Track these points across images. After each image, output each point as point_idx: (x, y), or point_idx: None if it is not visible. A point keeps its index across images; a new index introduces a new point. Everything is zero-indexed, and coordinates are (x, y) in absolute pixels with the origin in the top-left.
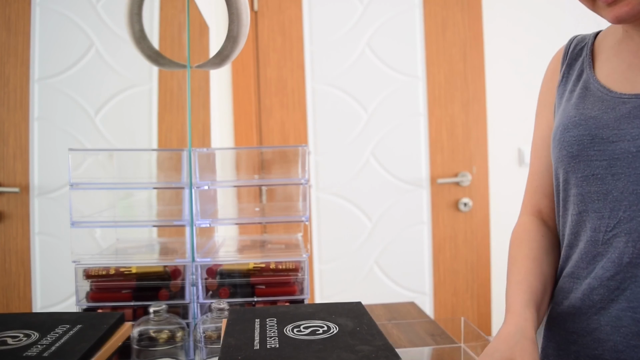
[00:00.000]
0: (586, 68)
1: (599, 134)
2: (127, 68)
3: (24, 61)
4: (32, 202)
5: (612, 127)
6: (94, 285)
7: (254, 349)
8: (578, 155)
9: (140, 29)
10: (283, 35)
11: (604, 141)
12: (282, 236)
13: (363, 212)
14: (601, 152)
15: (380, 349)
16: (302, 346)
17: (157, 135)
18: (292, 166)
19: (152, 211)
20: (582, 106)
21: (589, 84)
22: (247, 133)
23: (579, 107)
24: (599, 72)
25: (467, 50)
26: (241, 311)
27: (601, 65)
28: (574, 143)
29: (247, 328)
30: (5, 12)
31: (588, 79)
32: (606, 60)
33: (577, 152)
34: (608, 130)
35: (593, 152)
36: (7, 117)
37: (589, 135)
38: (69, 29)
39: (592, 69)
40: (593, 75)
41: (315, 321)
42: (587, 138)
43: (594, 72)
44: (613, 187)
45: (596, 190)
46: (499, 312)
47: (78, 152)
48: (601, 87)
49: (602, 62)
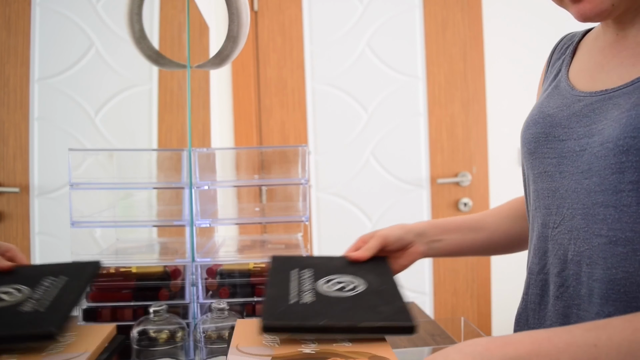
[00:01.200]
0: (563, 67)
1: (552, 132)
2: (127, 68)
3: (24, 61)
4: (32, 202)
5: (564, 126)
6: (94, 285)
7: (290, 303)
8: (534, 152)
9: (140, 29)
10: (283, 35)
11: (555, 139)
12: (282, 236)
13: (363, 212)
14: (552, 150)
15: (398, 312)
16: (332, 303)
17: (157, 135)
18: (292, 166)
19: (152, 211)
20: (545, 104)
21: (560, 82)
22: (247, 133)
23: (542, 105)
24: (572, 70)
25: (467, 50)
26: (282, 259)
27: (575, 64)
28: (531, 140)
29: (286, 279)
30: (5, 12)
31: (561, 77)
32: (580, 57)
33: (533, 149)
34: (560, 128)
35: (546, 150)
36: (7, 117)
37: (543, 133)
38: (69, 29)
39: (568, 67)
40: (565, 74)
41: (347, 276)
42: (542, 136)
43: (569, 69)
44: (560, 185)
45: (547, 187)
46: (499, 312)
47: (78, 152)
48: (567, 86)
49: (577, 60)
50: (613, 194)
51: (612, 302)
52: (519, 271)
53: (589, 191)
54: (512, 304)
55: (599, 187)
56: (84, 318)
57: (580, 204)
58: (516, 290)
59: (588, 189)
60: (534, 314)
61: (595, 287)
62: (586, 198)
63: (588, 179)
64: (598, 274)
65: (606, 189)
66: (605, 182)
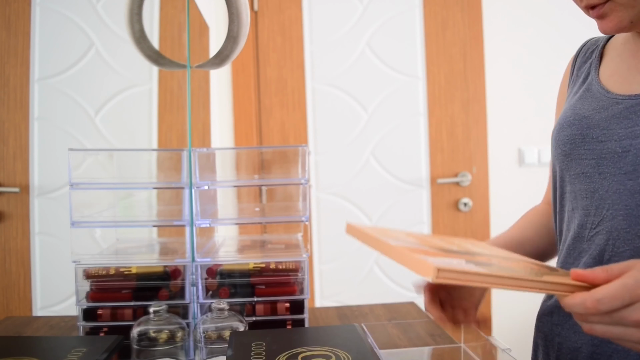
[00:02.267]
0: (592, 70)
1: (589, 133)
2: (127, 68)
3: (24, 61)
4: (32, 202)
5: (602, 127)
6: (94, 285)
7: None
8: (570, 154)
9: (140, 29)
10: (283, 35)
11: (594, 140)
12: (282, 236)
13: (363, 212)
14: (590, 151)
15: None
16: None
17: (157, 135)
18: (292, 166)
19: (152, 211)
20: (579, 106)
21: (591, 85)
22: (247, 133)
23: (575, 107)
24: (603, 73)
25: (467, 50)
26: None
27: (605, 67)
28: (567, 142)
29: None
30: (5, 12)
31: (592, 80)
32: (610, 61)
33: (569, 150)
34: (598, 130)
35: (583, 151)
36: (7, 117)
37: (580, 135)
38: (69, 29)
39: (597, 71)
40: (596, 77)
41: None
42: (579, 137)
43: (598, 73)
44: (599, 186)
45: (585, 188)
46: (499, 312)
47: (78, 152)
48: (601, 88)
49: (607, 64)
50: None
51: None
52: None
53: (632, 192)
54: (512, 304)
55: None
56: (84, 318)
57: (623, 205)
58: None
59: (632, 190)
60: (561, 312)
61: None
62: (629, 199)
63: (632, 180)
64: None
65: None
66: None
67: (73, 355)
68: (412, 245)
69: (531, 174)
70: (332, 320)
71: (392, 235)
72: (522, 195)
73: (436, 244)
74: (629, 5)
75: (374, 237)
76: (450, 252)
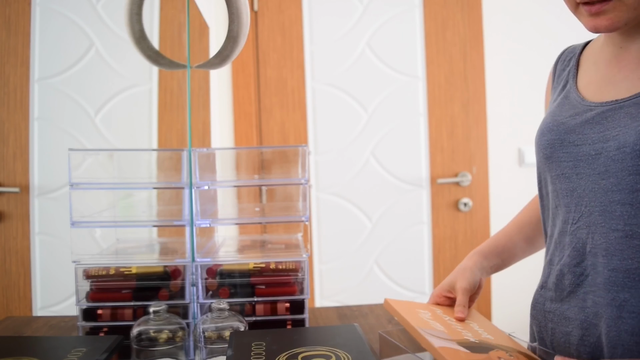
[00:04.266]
0: (570, 79)
1: (567, 138)
2: (127, 68)
3: (24, 61)
4: (32, 202)
5: (578, 132)
6: (94, 285)
7: None
8: (551, 157)
9: (140, 29)
10: (283, 35)
11: (571, 144)
12: (282, 236)
13: (363, 212)
14: (568, 154)
15: None
16: None
17: (157, 135)
18: (292, 166)
19: (152, 211)
20: (557, 112)
21: (569, 92)
22: (247, 133)
23: (554, 114)
24: (580, 81)
25: (467, 50)
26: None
27: (583, 75)
28: (547, 146)
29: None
30: (5, 12)
31: (570, 88)
32: (587, 70)
33: (550, 154)
34: (574, 135)
35: (562, 154)
36: (7, 117)
37: (559, 140)
38: (69, 29)
39: (575, 79)
40: (574, 85)
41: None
42: (558, 142)
43: (576, 81)
44: (577, 185)
45: (565, 187)
46: (499, 312)
47: (78, 152)
48: (577, 96)
49: (584, 72)
50: (630, 193)
51: (627, 290)
52: (519, 272)
53: (606, 190)
54: (512, 304)
55: (616, 187)
56: (84, 318)
57: (598, 202)
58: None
59: (605, 188)
60: (552, 300)
61: (612, 276)
62: (603, 197)
63: (605, 180)
64: (614, 264)
65: (623, 188)
66: (622, 183)
67: (73, 355)
68: (442, 337)
69: (531, 174)
70: (332, 320)
71: (424, 319)
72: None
73: (461, 337)
74: (633, 7)
75: (411, 325)
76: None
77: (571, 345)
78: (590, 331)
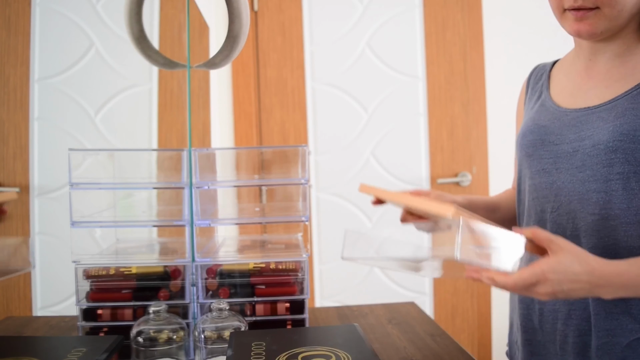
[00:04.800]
0: (544, 90)
1: (547, 138)
2: (127, 68)
3: (24, 61)
4: (32, 202)
5: (557, 134)
6: (94, 285)
7: None
8: (532, 155)
9: (140, 29)
10: (283, 35)
11: (551, 144)
12: (282, 236)
13: (363, 212)
14: (549, 152)
15: None
16: None
17: (157, 135)
18: (292, 166)
19: (152, 211)
20: (537, 117)
21: (545, 102)
22: (247, 133)
23: (534, 119)
24: (553, 91)
25: (467, 50)
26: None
27: (554, 86)
28: (529, 145)
29: None
30: (5, 12)
31: (545, 98)
32: (558, 81)
33: (531, 152)
34: (554, 135)
35: (543, 152)
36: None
37: (540, 140)
38: (69, 29)
39: (548, 90)
40: (548, 95)
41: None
42: (539, 142)
43: (549, 91)
44: (557, 178)
45: (545, 181)
46: (499, 312)
47: (78, 152)
48: (552, 104)
49: (556, 83)
50: (604, 182)
51: None
52: None
53: (583, 181)
54: None
55: (592, 178)
56: (84, 318)
57: (576, 192)
58: None
59: (582, 179)
60: None
61: (592, 252)
62: (581, 187)
63: (582, 172)
64: (593, 242)
65: (598, 179)
66: (597, 174)
67: (73, 355)
68: None
69: None
70: (332, 320)
71: None
72: None
73: None
74: (611, 18)
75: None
76: None
77: (559, 320)
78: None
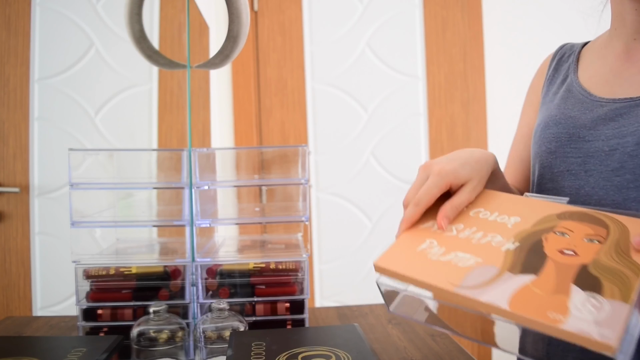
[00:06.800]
0: (571, 73)
1: (576, 132)
2: (127, 68)
3: (24, 61)
4: (32, 202)
5: (589, 127)
6: (94, 286)
7: None
8: (555, 152)
9: (140, 29)
10: (283, 35)
11: (581, 140)
12: (282, 236)
13: (363, 212)
14: (577, 150)
15: None
16: None
17: (157, 135)
18: (292, 166)
19: (152, 211)
20: (564, 106)
21: (571, 87)
22: (247, 133)
23: (560, 107)
24: (582, 75)
25: (467, 50)
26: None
27: (584, 69)
28: (552, 140)
29: None
30: (5, 12)
31: (571, 82)
32: (590, 64)
33: (555, 148)
34: (585, 130)
35: (569, 149)
36: (7, 117)
37: (567, 134)
38: (69, 29)
39: (576, 74)
40: (576, 79)
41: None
42: (565, 136)
43: (577, 76)
44: (585, 183)
45: (570, 185)
46: None
47: (78, 152)
48: (582, 90)
49: (586, 66)
50: None
51: None
52: None
53: (620, 188)
54: None
55: (632, 183)
56: (84, 318)
57: (610, 200)
58: None
59: (619, 185)
60: None
61: None
62: (617, 194)
63: (620, 177)
64: None
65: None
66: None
67: (73, 355)
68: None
69: None
70: (332, 320)
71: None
72: None
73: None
74: None
75: (434, 286)
76: None
77: None
78: None
